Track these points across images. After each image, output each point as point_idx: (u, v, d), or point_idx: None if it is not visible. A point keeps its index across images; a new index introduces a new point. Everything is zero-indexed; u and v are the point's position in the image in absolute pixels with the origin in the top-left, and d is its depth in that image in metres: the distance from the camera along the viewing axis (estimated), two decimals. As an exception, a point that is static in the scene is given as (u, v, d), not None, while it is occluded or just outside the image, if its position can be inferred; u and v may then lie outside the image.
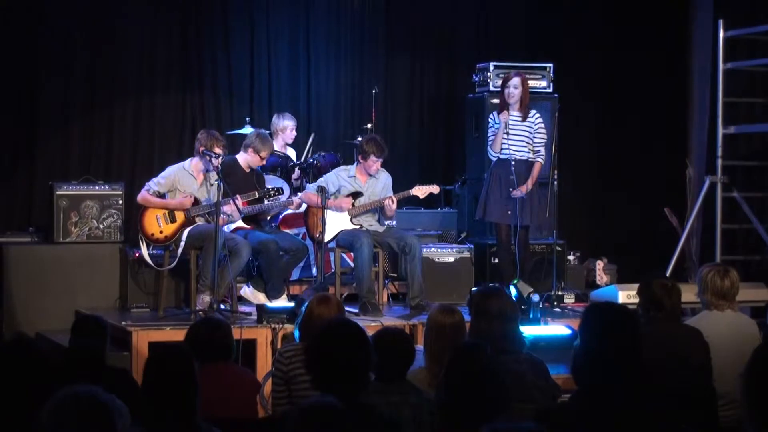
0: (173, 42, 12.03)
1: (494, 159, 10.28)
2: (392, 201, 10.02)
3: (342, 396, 4.19)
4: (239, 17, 12.29)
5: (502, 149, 10.18)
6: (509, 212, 10.18)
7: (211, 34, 12.18)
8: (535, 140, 10.24)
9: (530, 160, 10.23)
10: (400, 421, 5.05)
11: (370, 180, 10.18)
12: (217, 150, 9.66)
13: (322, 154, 11.19)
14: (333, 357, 4.63)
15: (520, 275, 10.16)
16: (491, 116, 10.41)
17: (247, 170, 10.15)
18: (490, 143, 10.31)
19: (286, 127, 11.24)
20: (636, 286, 6.86)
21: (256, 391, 6.57)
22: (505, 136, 10.14)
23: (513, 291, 9.60)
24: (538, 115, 10.34)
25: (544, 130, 10.30)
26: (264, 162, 10.24)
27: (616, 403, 4.39)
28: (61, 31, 11.50)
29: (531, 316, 9.46)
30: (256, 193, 9.80)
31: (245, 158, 10.14)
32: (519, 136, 10.20)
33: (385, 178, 10.27)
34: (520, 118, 10.22)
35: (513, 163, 10.15)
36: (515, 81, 10.26)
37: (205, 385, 4.82)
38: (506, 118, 10.15)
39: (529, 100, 10.34)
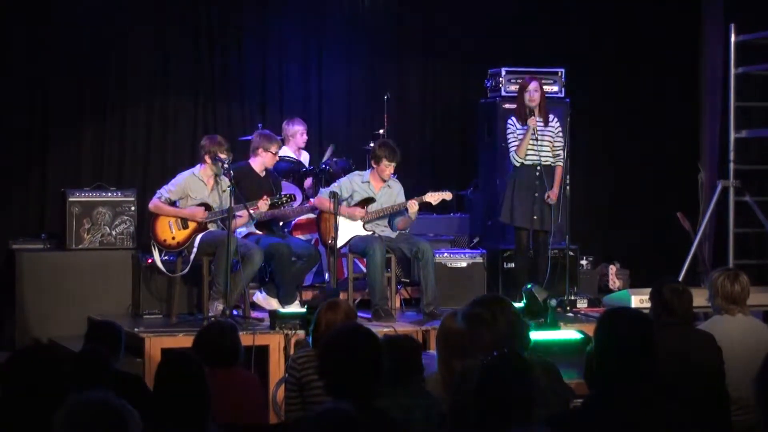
0: (185, 48, 12.05)
1: (517, 164, 10.26)
2: (415, 203, 10.01)
3: (355, 401, 4.19)
4: (251, 23, 12.31)
5: (527, 154, 10.17)
6: (535, 217, 10.18)
7: (224, 40, 12.20)
8: (556, 144, 10.25)
9: (552, 164, 10.25)
10: (411, 424, 5.04)
11: (384, 187, 10.18)
12: (221, 155, 9.68)
13: (335, 159, 11.20)
14: (345, 363, 4.63)
15: (540, 279, 10.19)
16: (510, 121, 10.38)
17: (262, 174, 10.17)
18: (513, 149, 10.26)
19: (296, 131, 11.26)
20: (649, 290, 6.85)
21: (263, 396, 6.58)
22: (533, 141, 10.13)
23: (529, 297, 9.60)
24: (556, 119, 10.36)
25: (562, 135, 10.31)
26: (277, 157, 10.26)
27: (628, 408, 4.38)
28: (73, 38, 11.52)
29: (549, 320, 9.40)
30: (268, 199, 9.78)
31: (258, 161, 10.15)
32: (543, 142, 10.21)
33: (398, 188, 10.27)
34: (542, 124, 10.22)
35: (540, 168, 10.15)
36: (535, 84, 10.28)
37: (213, 391, 4.84)
38: (534, 124, 10.15)
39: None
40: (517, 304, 9.48)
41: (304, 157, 11.46)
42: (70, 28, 11.51)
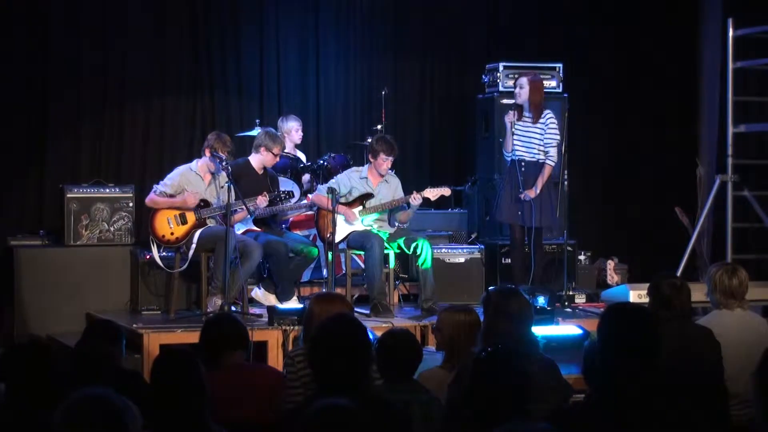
0: (183, 44, 12.04)
1: (508, 160, 10.28)
2: (419, 196, 9.99)
3: (349, 392, 4.19)
4: (249, 19, 12.29)
5: (513, 150, 10.16)
6: (519, 213, 10.16)
7: (221, 36, 12.19)
8: (545, 141, 10.20)
9: (540, 161, 10.21)
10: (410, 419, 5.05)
11: (382, 183, 10.18)
12: (221, 153, 9.67)
13: (332, 155, 11.20)
14: (333, 351, 4.63)
15: (533, 276, 10.19)
16: (506, 117, 10.40)
17: (260, 171, 10.16)
18: (503, 144, 10.32)
19: (291, 128, 11.24)
20: (647, 285, 6.86)
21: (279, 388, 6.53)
22: (513, 137, 10.13)
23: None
24: (551, 115, 10.28)
25: (555, 131, 10.24)
26: (278, 159, 10.25)
27: (630, 403, 4.38)
28: (71, 34, 11.50)
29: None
30: (267, 195, 9.79)
31: (258, 159, 10.14)
32: (528, 138, 10.17)
33: (395, 183, 10.28)
34: (531, 120, 10.20)
35: (522, 164, 10.14)
36: (521, 81, 10.26)
37: (225, 386, 4.84)
38: (511, 119, 10.15)
39: (543, 101, 10.31)
40: None
41: (300, 156, 11.43)
42: (68, 25, 11.50)
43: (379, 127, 11.63)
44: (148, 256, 10.12)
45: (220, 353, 5.98)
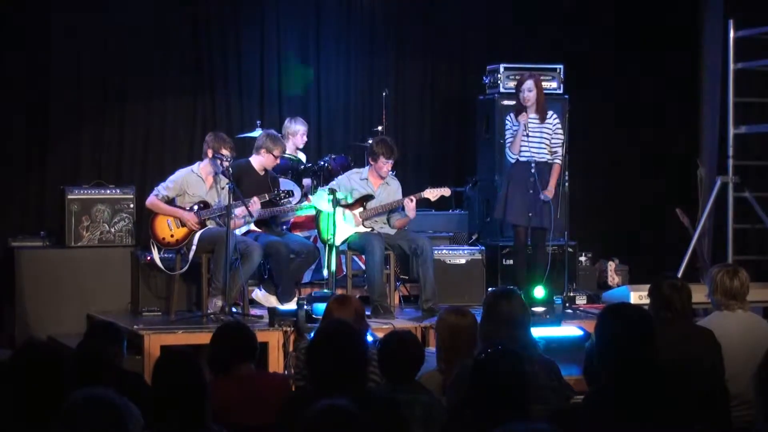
0: (184, 45, 12.05)
1: (512, 161, 10.23)
2: (411, 201, 10.00)
3: (348, 394, 4.20)
4: (250, 20, 12.30)
5: (521, 151, 10.12)
6: (530, 214, 10.13)
7: (222, 37, 12.19)
8: (553, 141, 10.17)
9: (549, 161, 10.19)
10: (411, 420, 5.05)
11: (383, 185, 10.18)
12: (225, 152, 9.67)
13: (333, 156, 11.20)
14: (330, 357, 4.65)
15: (539, 276, 10.18)
16: (508, 118, 10.34)
17: (261, 172, 10.17)
18: (508, 145, 10.24)
19: (297, 131, 11.24)
20: (648, 286, 6.86)
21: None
22: (525, 138, 10.10)
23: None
24: (555, 116, 10.27)
25: (561, 132, 10.24)
26: (278, 161, 10.26)
27: (629, 403, 4.38)
28: (72, 34, 11.51)
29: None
30: (266, 195, 9.79)
31: (259, 160, 10.15)
32: (538, 138, 10.15)
33: (396, 185, 10.27)
34: (538, 120, 10.17)
35: (533, 165, 10.10)
36: (528, 84, 10.19)
37: (233, 395, 4.85)
38: (525, 120, 10.09)
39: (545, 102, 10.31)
40: None
41: (301, 158, 11.44)
42: (69, 25, 11.51)
43: (379, 128, 11.62)
44: (148, 258, 10.12)
45: (229, 364, 5.94)
